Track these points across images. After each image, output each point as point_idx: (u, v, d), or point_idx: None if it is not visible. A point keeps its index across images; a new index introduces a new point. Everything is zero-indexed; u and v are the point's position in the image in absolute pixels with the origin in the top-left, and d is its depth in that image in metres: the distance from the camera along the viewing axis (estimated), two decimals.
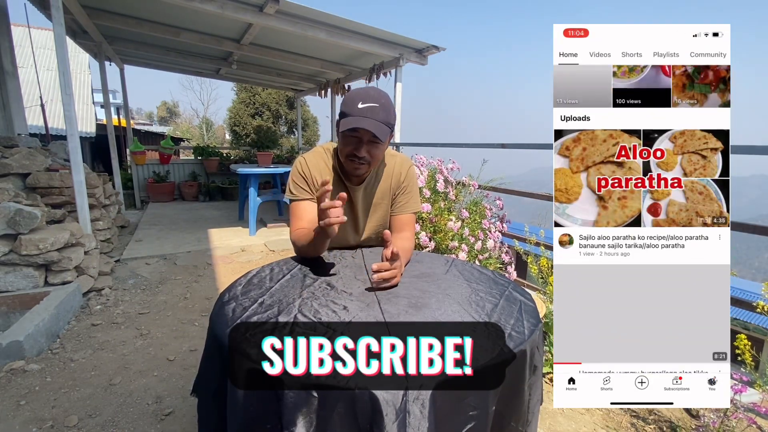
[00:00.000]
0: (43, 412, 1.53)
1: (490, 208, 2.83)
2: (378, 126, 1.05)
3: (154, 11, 3.79)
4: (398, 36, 4.03)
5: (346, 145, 1.11)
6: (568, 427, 1.55)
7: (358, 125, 1.03)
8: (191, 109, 33.67)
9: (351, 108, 1.05)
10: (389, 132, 1.11)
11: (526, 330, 0.77)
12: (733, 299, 1.03)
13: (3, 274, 2.23)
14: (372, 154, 1.11)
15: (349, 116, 1.06)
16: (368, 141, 1.09)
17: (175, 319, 2.38)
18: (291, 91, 8.25)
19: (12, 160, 2.79)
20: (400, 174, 1.28)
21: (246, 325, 0.75)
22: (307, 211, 1.19)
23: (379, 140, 1.07)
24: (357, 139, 1.09)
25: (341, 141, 1.13)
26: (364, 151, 1.09)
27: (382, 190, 1.28)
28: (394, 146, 4.36)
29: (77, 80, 10.73)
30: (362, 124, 1.03)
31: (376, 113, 1.05)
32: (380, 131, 1.05)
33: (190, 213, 5.68)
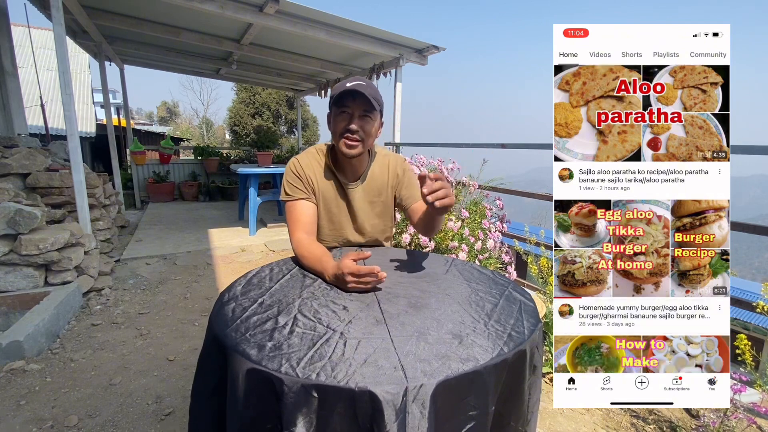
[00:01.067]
0: (43, 412, 1.53)
1: (490, 208, 2.83)
2: (366, 98, 1.07)
3: (154, 11, 3.79)
4: (398, 36, 4.03)
5: (338, 123, 1.12)
6: (568, 427, 1.55)
7: (349, 88, 1.05)
8: (191, 109, 33.74)
9: (339, 88, 1.08)
10: (378, 109, 1.12)
11: (526, 330, 0.77)
12: (733, 299, 1.03)
13: (3, 274, 2.23)
14: (364, 130, 1.12)
15: (339, 94, 1.08)
16: (360, 116, 1.10)
17: (175, 319, 2.38)
18: (291, 91, 8.24)
19: (12, 160, 2.79)
20: (396, 169, 1.30)
21: (246, 325, 0.75)
22: (304, 212, 1.19)
23: (370, 112, 1.10)
24: (349, 114, 1.10)
25: (333, 121, 1.14)
26: (356, 125, 1.10)
27: (380, 186, 1.28)
28: (394, 146, 4.36)
29: (77, 80, 10.72)
30: (354, 89, 1.05)
31: (364, 88, 1.07)
32: (369, 103, 1.07)
33: (190, 213, 5.68)
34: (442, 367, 0.62)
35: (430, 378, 0.59)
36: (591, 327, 0.92)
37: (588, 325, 0.92)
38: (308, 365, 0.61)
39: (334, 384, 0.57)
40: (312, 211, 1.21)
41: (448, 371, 0.61)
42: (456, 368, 0.62)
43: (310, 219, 1.19)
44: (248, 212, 4.46)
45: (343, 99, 1.09)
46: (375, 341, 0.70)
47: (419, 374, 0.60)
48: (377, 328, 0.75)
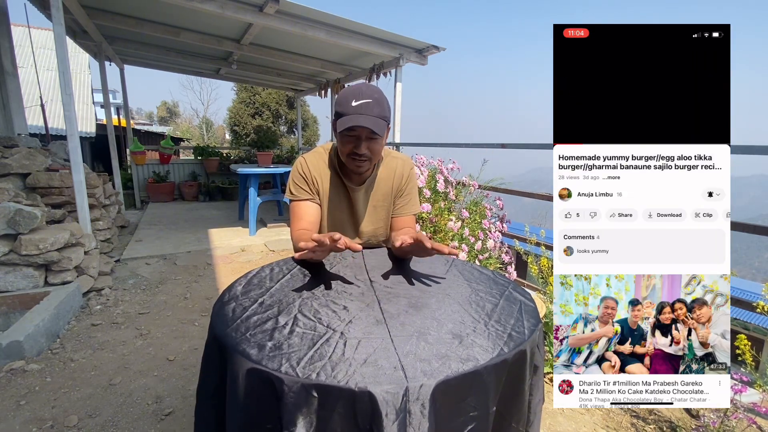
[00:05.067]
0: (43, 412, 1.53)
1: (490, 208, 2.82)
2: (374, 121, 1.05)
3: (154, 11, 3.79)
4: (398, 36, 4.03)
5: (345, 144, 1.11)
6: (568, 427, 1.55)
7: (355, 123, 1.03)
8: (191, 109, 33.72)
9: (345, 107, 1.05)
10: (386, 126, 1.11)
11: (526, 330, 0.77)
12: (733, 299, 1.03)
13: (3, 274, 2.23)
14: (372, 150, 1.11)
15: (345, 115, 1.05)
16: (366, 138, 1.09)
17: (175, 319, 2.38)
18: (291, 91, 8.24)
19: (12, 160, 2.79)
20: (402, 176, 1.28)
21: (246, 325, 0.75)
22: (308, 212, 1.19)
23: (378, 135, 1.07)
24: (355, 137, 1.09)
25: (340, 141, 1.13)
26: (364, 148, 1.09)
27: (384, 191, 1.28)
28: (394, 146, 4.36)
29: (77, 80, 10.72)
30: (359, 122, 1.03)
31: (370, 109, 1.05)
32: (377, 127, 1.05)
33: (190, 213, 5.68)
34: (442, 367, 0.62)
35: (430, 378, 0.59)
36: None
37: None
38: (308, 365, 0.61)
39: (334, 384, 0.57)
40: (315, 212, 1.21)
41: (448, 371, 0.61)
42: (456, 368, 0.62)
43: (312, 219, 1.19)
44: (248, 212, 4.46)
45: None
46: (375, 341, 0.70)
47: (419, 374, 0.60)
48: (377, 328, 0.74)
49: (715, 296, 0.89)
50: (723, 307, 0.89)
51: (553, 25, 0.92)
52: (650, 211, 0.90)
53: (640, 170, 0.90)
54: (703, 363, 0.91)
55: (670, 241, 0.90)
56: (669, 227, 0.89)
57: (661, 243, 0.90)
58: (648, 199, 0.90)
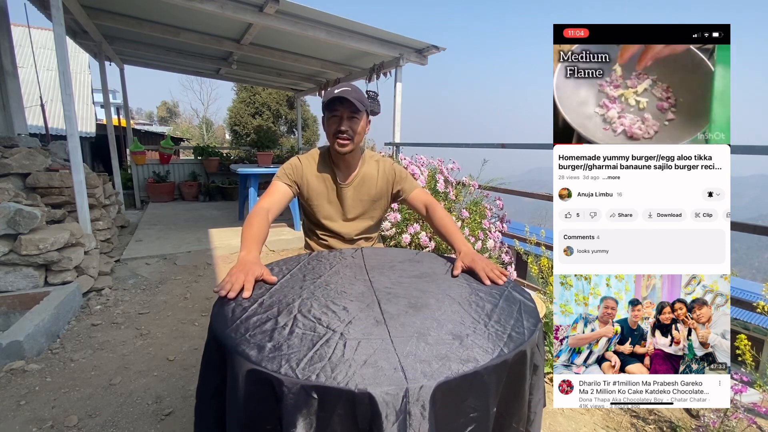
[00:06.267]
0: (43, 412, 1.53)
1: (490, 208, 2.82)
2: (352, 101, 1.23)
3: (154, 11, 3.79)
4: (398, 36, 4.03)
5: (330, 125, 1.30)
6: (568, 427, 1.55)
7: (336, 96, 1.23)
8: (191, 109, 33.67)
9: (329, 95, 1.26)
10: (364, 110, 1.29)
11: (526, 330, 0.77)
12: (733, 299, 1.02)
13: (3, 274, 2.23)
14: (353, 129, 1.29)
15: (328, 99, 1.26)
16: (348, 117, 1.27)
17: (175, 319, 2.38)
18: (291, 91, 8.24)
19: (12, 160, 2.79)
20: (392, 173, 1.44)
21: (246, 325, 0.75)
22: (280, 191, 1.33)
23: (357, 113, 1.27)
24: (338, 117, 1.28)
25: (326, 124, 1.32)
26: (345, 126, 1.27)
27: (379, 190, 1.43)
28: (394, 146, 4.35)
29: (77, 80, 10.72)
30: (340, 95, 1.23)
31: (349, 93, 1.24)
32: (355, 104, 1.24)
33: (190, 213, 5.67)
34: (442, 368, 0.62)
35: (431, 379, 0.59)
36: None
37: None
38: (308, 366, 0.61)
39: (334, 385, 0.57)
40: (285, 197, 1.34)
41: (449, 372, 0.61)
42: (456, 369, 0.62)
43: (279, 198, 1.32)
44: (248, 212, 4.45)
45: (333, 104, 1.26)
46: (375, 342, 0.69)
47: (419, 375, 0.60)
48: (377, 329, 0.74)
49: (715, 296, 0.89)
50: (723, 307, 0.89)
51: (553, 25, 0.92)
52: (650, 211, 0.90)
53: (640, 170, 0.90)
54: (703, 363, 0.91)
55: (670, 241, 0.89)
56: (669, 227, 0.89)
57: (661, 243, 0.90)
58: (648, 199, 0.90)
